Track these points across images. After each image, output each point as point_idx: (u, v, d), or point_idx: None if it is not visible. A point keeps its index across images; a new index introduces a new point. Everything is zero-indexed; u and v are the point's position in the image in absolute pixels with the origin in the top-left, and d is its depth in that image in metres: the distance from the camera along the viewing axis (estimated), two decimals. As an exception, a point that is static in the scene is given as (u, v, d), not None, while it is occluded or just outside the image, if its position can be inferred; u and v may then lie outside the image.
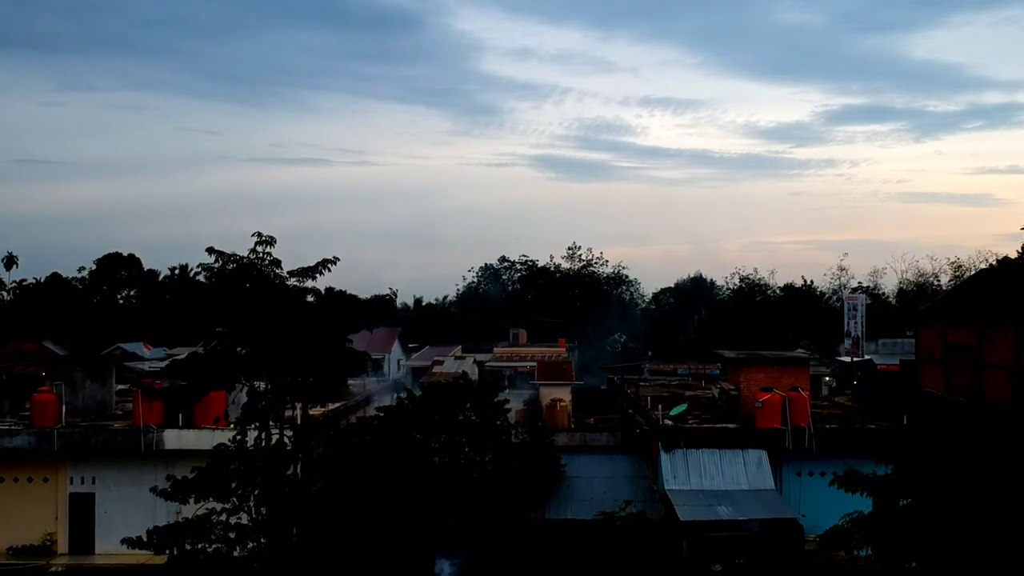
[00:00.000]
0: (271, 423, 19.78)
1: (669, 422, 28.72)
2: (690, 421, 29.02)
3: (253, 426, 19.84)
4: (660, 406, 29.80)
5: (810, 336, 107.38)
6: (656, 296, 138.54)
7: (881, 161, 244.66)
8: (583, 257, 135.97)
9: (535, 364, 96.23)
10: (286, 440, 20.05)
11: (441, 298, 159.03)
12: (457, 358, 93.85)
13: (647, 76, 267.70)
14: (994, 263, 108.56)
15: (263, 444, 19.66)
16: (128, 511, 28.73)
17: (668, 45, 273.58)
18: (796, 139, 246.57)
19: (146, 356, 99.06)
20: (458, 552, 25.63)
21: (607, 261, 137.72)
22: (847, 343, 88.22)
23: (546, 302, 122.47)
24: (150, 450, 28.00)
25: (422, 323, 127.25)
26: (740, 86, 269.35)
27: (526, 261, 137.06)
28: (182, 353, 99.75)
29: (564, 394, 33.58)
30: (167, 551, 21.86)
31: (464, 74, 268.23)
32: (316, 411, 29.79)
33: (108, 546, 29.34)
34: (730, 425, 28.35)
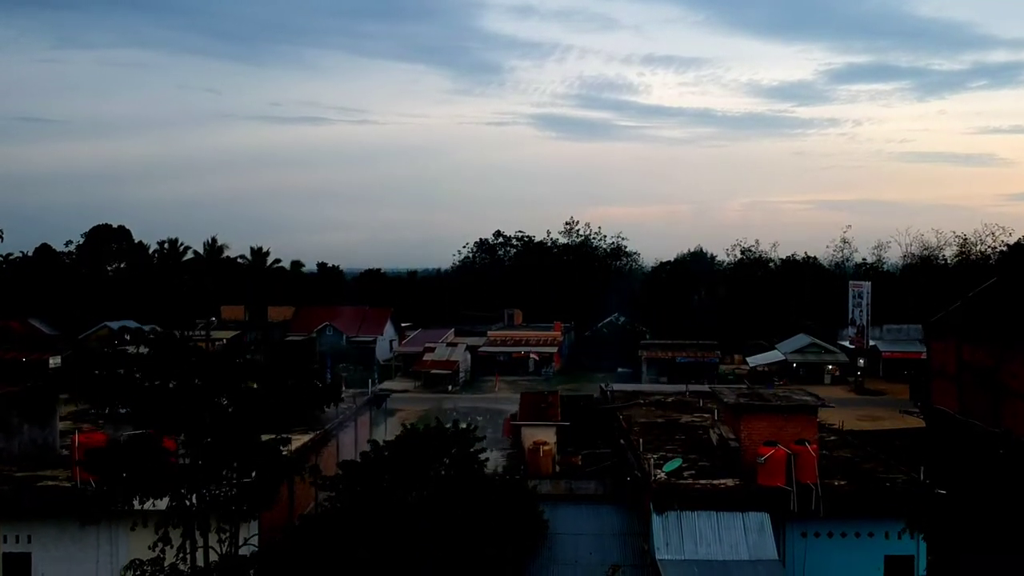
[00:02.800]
0: (198, 537, 17.06)
1: (662, 474, 26.04)
2: (685, 474, 26.32)
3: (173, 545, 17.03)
4: (653, 458, 27.06)
5: (812, 316, 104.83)
6: (656, 270, 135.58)
7: (884, 120, 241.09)
8: (581, 232, 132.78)
9: (530, 351, 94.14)
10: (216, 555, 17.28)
11: (436, 269, 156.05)
12: (449, 344, 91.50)
13: (650, 34, 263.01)
14: (1005, 248, 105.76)
15: (187, 563, 16.92)
16: (69, 573, 26.18)
17: (671, 2, 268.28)
18: (799, 98, 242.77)
19: (128, 341, 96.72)
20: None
21: (605, 236, 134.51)
22: (851, 331, 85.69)
23: (543, 278, 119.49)
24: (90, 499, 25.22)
25: (416, 297, 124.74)
26: (743, 44, 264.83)
27: (522, 236, 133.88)
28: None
29: (548, 435, 30.92)
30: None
31: (465, 32, 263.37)
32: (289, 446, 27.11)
33: (47, 610, 26.91)
34: (729, 482, 25.62)
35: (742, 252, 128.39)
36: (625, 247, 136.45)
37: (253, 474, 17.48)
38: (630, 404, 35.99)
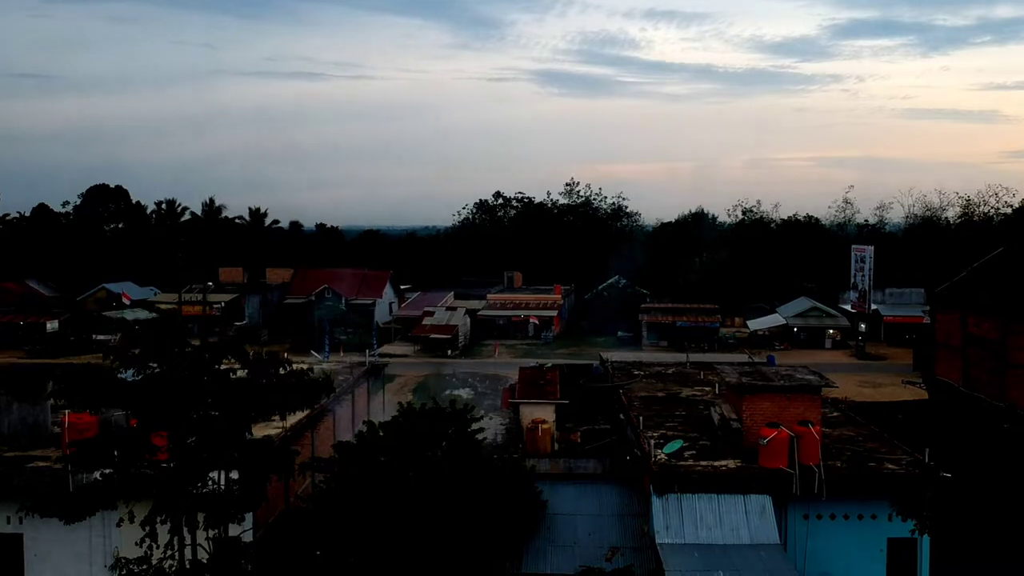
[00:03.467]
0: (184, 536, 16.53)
1: (662, 456, 25.60)
2: (686, 455, 25.89)
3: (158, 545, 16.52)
4: (653, 438, 26.61)
5: (814, 278, 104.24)
6: (657, 231, 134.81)
7: (888, 76, 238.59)
8: (581, 193, 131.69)
9: (530, 315, 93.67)
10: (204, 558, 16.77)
11: (435, 228, 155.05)
12: (448, 308, 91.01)
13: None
14: (1009, 209, 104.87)
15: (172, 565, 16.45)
16: (61, 554, 25.88)
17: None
18: (802, 54, 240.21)
19: (127, 305, 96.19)
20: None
21: (606, 197, 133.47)
22: (853, 295, 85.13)
23: (543, 240, 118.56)
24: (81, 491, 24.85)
25: (416, 259, 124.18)
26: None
27: (522, 197, 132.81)
28: (166, 301, 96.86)
29: (547, 413, 30.44)
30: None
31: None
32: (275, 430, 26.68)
33: (40, 590, 26.67)
34: (730, 463, 25.19)
35: (743, 212, 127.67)
36: (626, 207, 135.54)
37: (241, 473, 17.02)
38: (629, 383, 35.48)
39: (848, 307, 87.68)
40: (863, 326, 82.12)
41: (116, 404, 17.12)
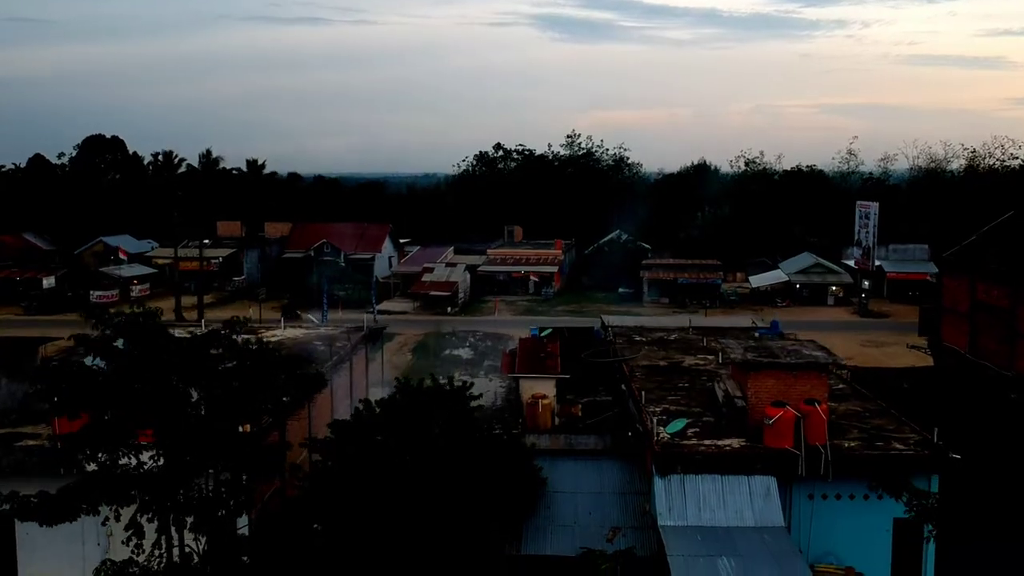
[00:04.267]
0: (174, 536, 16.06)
1: (665, 434, 25.07)
2: (689, 432, 25.36)
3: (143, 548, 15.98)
4: (655, 415, 26.08)
5: (817, 232, 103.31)
6: (658, 184, 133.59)
7: (893, 22, 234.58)
8: (583, 144, 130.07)
9: (530, 271, 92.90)
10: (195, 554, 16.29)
11: (434, 176, 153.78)
12: (448, 264, 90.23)
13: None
14: (1017, 163, 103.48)
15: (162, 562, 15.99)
16: (53, 533, 25.36)
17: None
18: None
19: (124, 261, 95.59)
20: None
21: (607, 149, 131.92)
22: (857, 252, 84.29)
23: (544, 193, 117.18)
24: (71, 473, 24.38)
25: (415, 213, 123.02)
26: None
27: (523, 150, 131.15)
28: (163, 255, 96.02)
29: (547, 388, 29.84)
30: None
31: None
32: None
33: (32, 570, 26.31)
34: (735, 443, 24.69)
35: (746, 164, 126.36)
36: (627, 159, 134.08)
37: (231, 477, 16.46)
38: (631, 357, 34.83)
39: (851, 263, 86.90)
40: (866, 283, 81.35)
41: (100, 407, 16.43)
